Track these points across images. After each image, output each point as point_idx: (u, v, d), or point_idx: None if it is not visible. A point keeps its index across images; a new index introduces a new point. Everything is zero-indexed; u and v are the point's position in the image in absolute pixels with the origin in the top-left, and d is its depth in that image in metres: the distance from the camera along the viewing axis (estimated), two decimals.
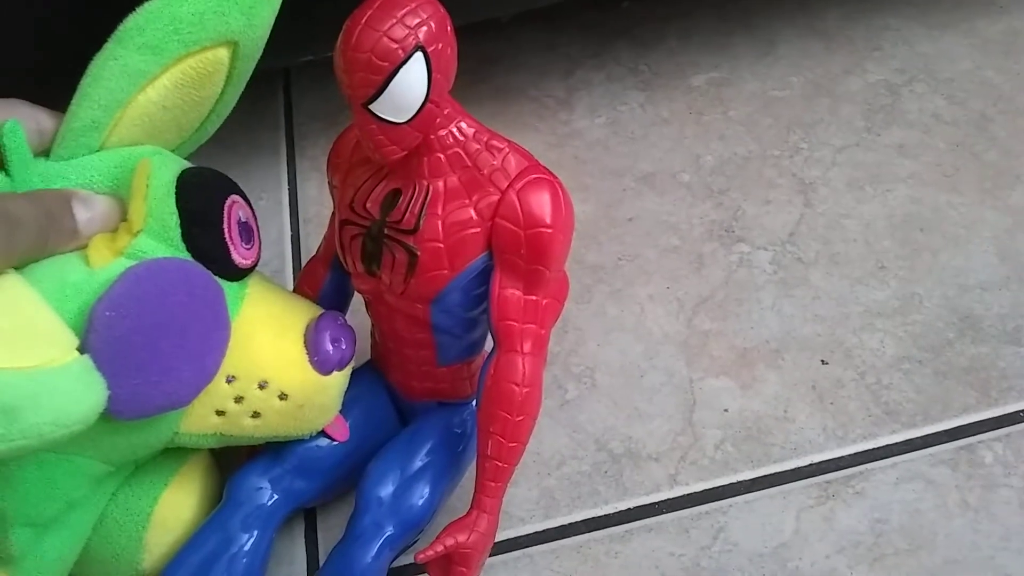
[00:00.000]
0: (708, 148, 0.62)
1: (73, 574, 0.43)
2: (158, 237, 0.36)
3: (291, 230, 0.63)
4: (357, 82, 0.34)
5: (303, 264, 0.60)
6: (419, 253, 0.38)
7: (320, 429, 0.44)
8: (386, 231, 0.39)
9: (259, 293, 0.41)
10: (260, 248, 0.42)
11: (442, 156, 0.38)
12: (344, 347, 0.42)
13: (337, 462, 0.45)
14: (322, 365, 0.41)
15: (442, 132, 0.37)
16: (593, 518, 0.45)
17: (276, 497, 0.44)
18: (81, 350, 0.33)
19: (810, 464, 0.46)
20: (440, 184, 0.38)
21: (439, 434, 0.44)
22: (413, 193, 0.38)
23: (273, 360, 0.40)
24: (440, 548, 0.39)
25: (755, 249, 0.55)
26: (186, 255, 0.37)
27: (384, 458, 0.43)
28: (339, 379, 0.42)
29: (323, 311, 0.43)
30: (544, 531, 0.45)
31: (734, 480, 0.46)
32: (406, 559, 0.44)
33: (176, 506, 0.44)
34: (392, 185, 0.39)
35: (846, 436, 0.47)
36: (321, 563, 0.46)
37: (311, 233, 0.62)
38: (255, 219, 0.42)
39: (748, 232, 0.56)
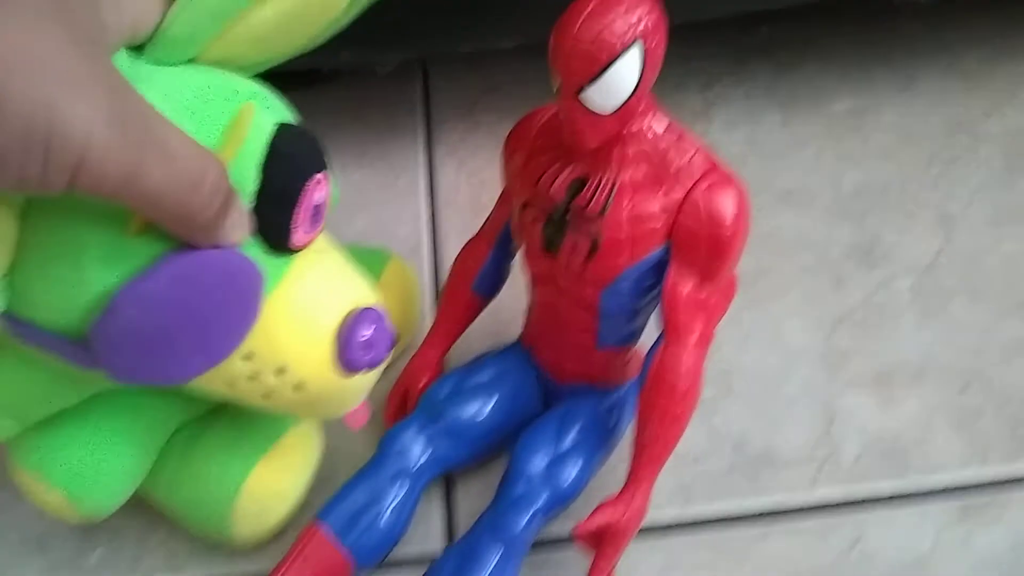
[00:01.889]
0: (847, 172, 0.63)
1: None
2: None
3: (428, 211, 0.65)
4: (574, 69, 0.36)
5: (438, 243, 0.63)
6: (601, 240, 0.40)
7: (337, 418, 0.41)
8: (569, 216, 0.41)
9: (304, 269, 0.36)
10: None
11: (633, 149, 0.39)
12: (375, 352, 0.37)
13: (485, 432, 0.48)
14: (348, 366, 0.37)
15: (636, 127, 0.39)
16: (730, 515, 0.47)
17: (426, 458, 0.47)
18: (88, 330, 0.31)
19: (950, 486, 0.47)
20: (627, 176, 0.40)
21: (590, 416, 0.46)
22: (600, 182, 0.40)
23: (297, 349, 0.36)
24: (597, 522, 0.41)
25: (895, 275, 0.56)
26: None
27: (537, 433, 0.45)
28: (363, 380, 0.39)
29: (367, 306, 0.38)
30: (681, 523, 0.47)
31: (873, 493, 0.47)
32: (546, 532, 0.46)
33: (270, 479, 0.46)
34: (578, 172, 0.41)
35: (985, 462, 0.47)
36: (458, 525, 0.48)
37: (448, 216, 0.64)
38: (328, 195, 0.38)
39: (887, 258, 0.57)
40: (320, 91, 0.74)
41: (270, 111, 0.34)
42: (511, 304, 0.51)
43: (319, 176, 0.35)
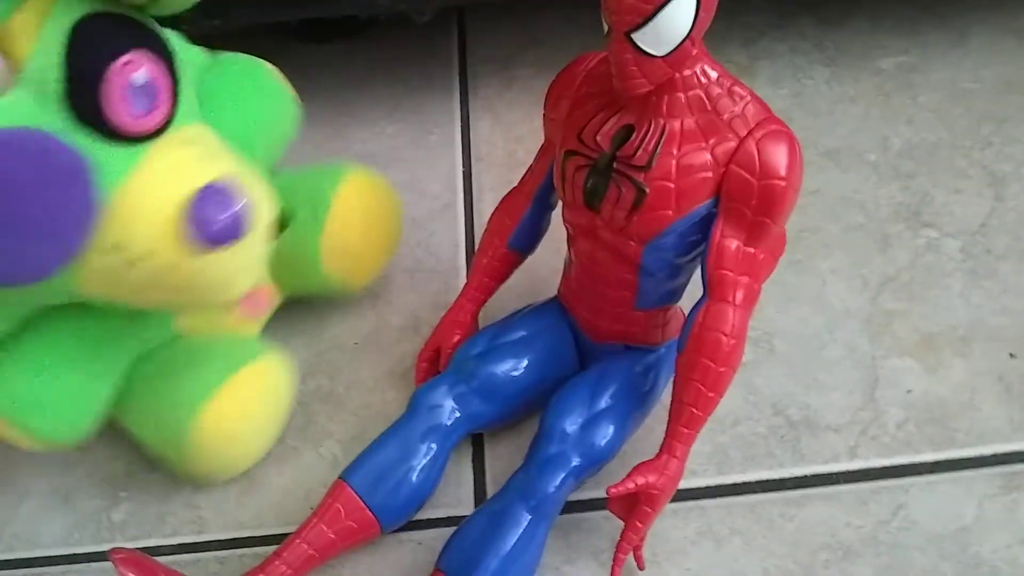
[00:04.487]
0: (896, 131, 0.60)
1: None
2: (36, 90, 0.34)
3: (463, 166, 0.63)
4: (626, 8, 0.34)
5: (473, 198, 0.61)
6: (648, 191, 0.38)
7: (233, 301, 0.42)
8: (616, 165, 0.39)
9: (157, 158, 0.36)
10: (170, 110, 0.38)
11: (683, 96, 0.38)
12: (224, 225, 0.37)
13: (518, 391, 0.46)
14: (200, 241, 0.36)
15: (688, 72, 0.37)
16: (768, 480, 0.45)
17: (456, 416, 0.46)
18: None
19: (996, 453, 0.45)
20: (677, 124, 0.38)
21: (625, 378, 0.45)
22: (648, 130, 0.38)
23: (152, 232, 0.36)
24: (632, 485, 0.39)
25: (943, 236, 0.54)
26: (62, 115, 0.34)
27: (570, 394, 0.44)
28: (233, 259, 0.38)
29: (214, 182, 0.37)
30: (717, 486, 0.45)
31: (916, 460, 0.45)
32: (577, 495, 0.45)
33: (229, 408, 0.45)
34: (626, 120, 0.39)
35: None
36: (488, 486, 0.47)
37: (482, 171, 0.63)
38: (169, 76, 0.38)
39: (937, 218, 0.55)
40: (356, 44, 0.72)
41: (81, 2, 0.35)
42: (548, 260, 0.50)
43: (132, 54, 0.35)
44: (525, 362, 0.46)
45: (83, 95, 0.34)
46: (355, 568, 0.45)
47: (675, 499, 0.45)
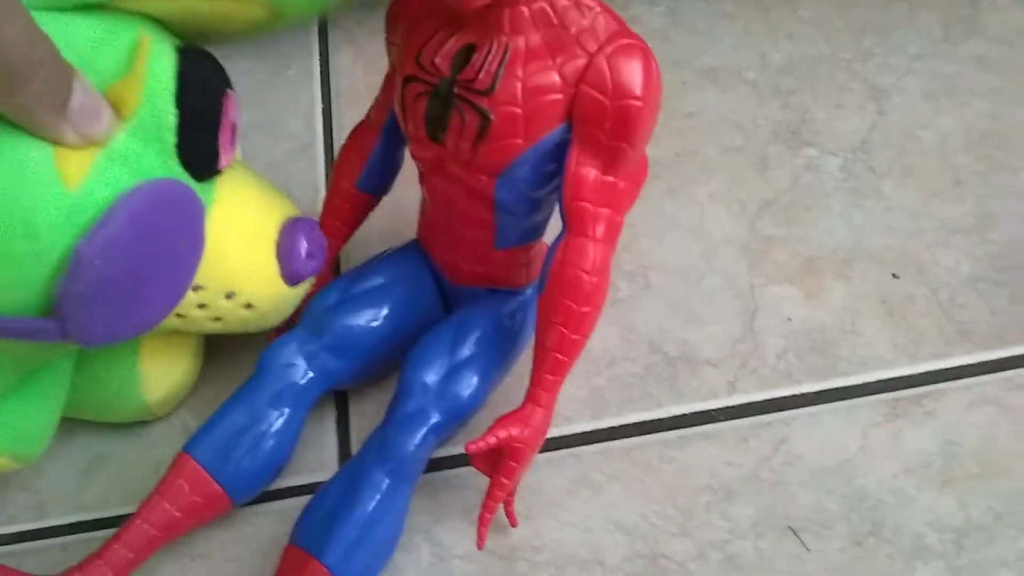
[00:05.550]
0: (775, 46, 0.58)
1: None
2: (146, 136, 0.32)
3: (322, 103, 0.58)
4: None
5: (334, 137, 0.57)
6: (492, 117, 0.34)
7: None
8: (456, 90, 0.35)
9: (229, 192, 0.37)
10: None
11: (526, 9, 0.34)
12: (317, 260, 0.39)
13: (376, 343, 0.42)
14: (292, 278, 0.39)
15: None
16: (645, 421, 0.43)
17: (310, 375, 0.42)
18: (55, 297, 0.31)
19: (878, 380, 0.43)
20: (521, 42, 0.34)
21: (489, 323, 0.41)
22: (490, 50, 0.34)
23: (243, 272, 0.37)
24: (492, 440, 0.36)
25: (824, 154, 0.52)
26: (174, 160, 0.33)
27: (430, 344, 0.40)
28: (305, 286, 0.41)
29: (296, 217, 0.39)
30: (593, 431, 0.43)
31: (797, 392, 0.43)
32: (445, 450, 0.42)
33: (160, 341, 0.43)
34: (466, 40, 0.35)
35: (917, 354, 0.44)
36: (353, 449, 0.44)
37: (343, 107, 0.58)
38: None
39: (817, 136, 0.53)
40: None
41: (168, 43, 0.34)
42: (411, 202, 0.46)
43: (229, 90, 0.36)
44: (384, 311, 0.42)
45: (200, 137, 0.34)
46: (208, 544, 0.42)
47: (548, 448, 0.42)
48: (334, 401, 0.46)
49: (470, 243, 0.41)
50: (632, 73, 0.34)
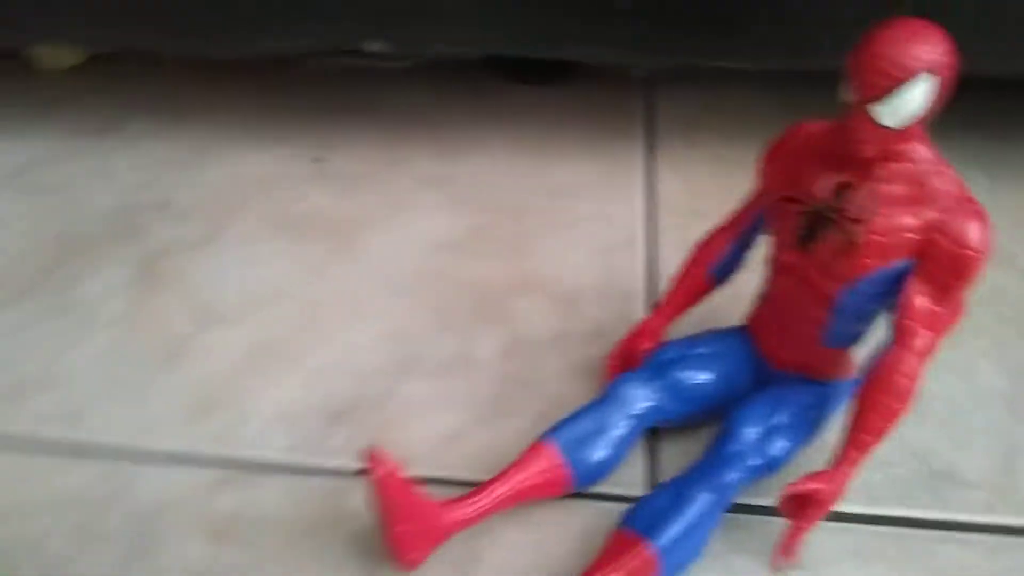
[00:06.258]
0: None
1: None
2: None
3: (647, 207, 0.72)
4: (871, 83, 0.41)
5: (658, 235, 0.69)
6: (860, 240, 0.45)
7: None
8: (835, 215, 0.46)
9: None
10: None
11: (899, 166, 0.45)
12: None
13: (700, 397, 0.54)
14: None
15: (906, 146, 0.44)
16: (912, 518, 0.51)
17: (648, 405, 0.53)
18: None
19: None
20: (890, 189, 0.45)
21: (801, 403, 0.51)
22: (865, 189, 0.45)
23: None
24: (803, 488, 0.46)
25: None
26: None
27: (752, 406, 0.51)
28: None
29: None
30: (866, 514, 0.52)
31: None
32: (744, 499, 0.51)
33: None
34: (844, 178, 0.46)
35: None
36: (659, 475, 0.54)
37: (663, 215, 0.72)
38: None
39: None
40: (550, 90, 0.83)
41: None
42: (723, 292, 0.57)
43: None
44: (709, 375, 0.54)
45: None
46: (543, 515, 0.52)
47: (833, 517, 0.50)
48: (647, 436, 0.56)
49: (800, 337, 0.51)
50: (974, 232, 0.44)
